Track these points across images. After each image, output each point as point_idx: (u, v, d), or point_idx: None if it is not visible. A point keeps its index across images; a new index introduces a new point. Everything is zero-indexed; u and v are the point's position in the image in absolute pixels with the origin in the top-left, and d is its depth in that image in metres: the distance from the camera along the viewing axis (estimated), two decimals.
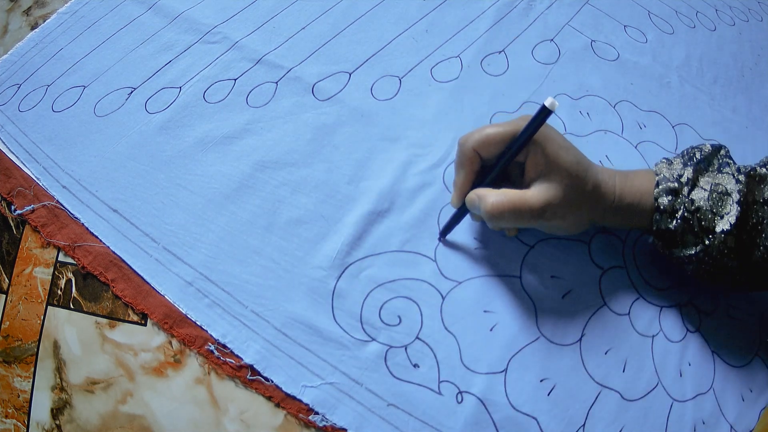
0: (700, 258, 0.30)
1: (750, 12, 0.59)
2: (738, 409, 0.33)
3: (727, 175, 0.30)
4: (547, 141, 0.29)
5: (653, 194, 0.31)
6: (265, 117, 0.40)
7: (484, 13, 0.48)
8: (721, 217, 0.29)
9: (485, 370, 0.31)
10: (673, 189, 0.30)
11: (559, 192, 0.29)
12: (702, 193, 0.30)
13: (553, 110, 0.28)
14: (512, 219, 0.30)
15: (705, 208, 0.29)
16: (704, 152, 0.32)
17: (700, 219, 0.29)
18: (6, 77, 0.43)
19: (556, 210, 0.29)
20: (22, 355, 0.34)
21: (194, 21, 0.45)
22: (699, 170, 0.31)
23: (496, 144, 0.30)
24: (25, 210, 0.36)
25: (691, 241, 0.30)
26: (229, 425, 0.30)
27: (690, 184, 0.30)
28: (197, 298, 0.32)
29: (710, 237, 0.29)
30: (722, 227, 0.29)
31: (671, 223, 0.30)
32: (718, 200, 0.29)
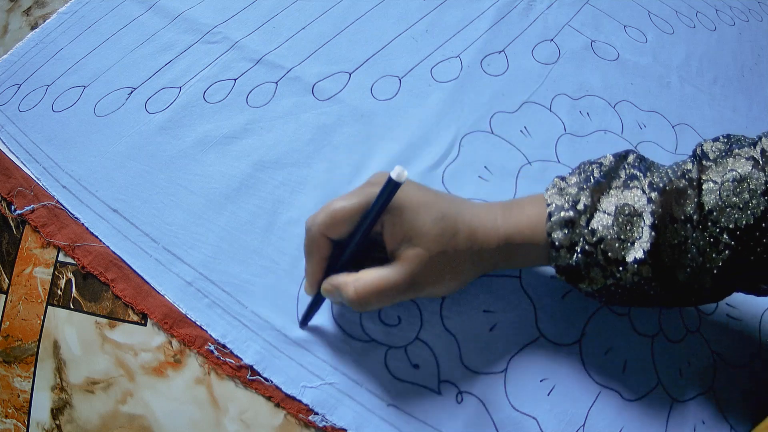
0: (611, 292, 0.27)
1: (750, 12, 0.59)
2: (738, 409, 0.33)
3: (636, 191, 0.26)
4: (403, 208, 0.26)
5: (545, 229, 0.27)
6: (265, 117, 0.40)
7: (484, 13, 0.48)
8: (632, 243, 0.25)
9: (485, 370, 0.31)
10: (567, 221, 0.27)
11: (424, 259, 0.26)
12: (605, 218, 0.26)
13: (401, 182, 0.24)
14: (380, 301, 0.27)
15: (610, 236, 0.26)
16: (604, 167, 0.28)
17: (606, 251, 0.26)
18: (6, 77, 0.43)
19: (426, 278, 0.27)
20: (22, 355, 0.34)
21: (194, 21, 0.45)
22: (599, 190, 0.27)
23: (344, 223, 0.27)
24: (25, 210, 0.36)
25: (599, 275, 0.26)
26: (229, 425, 0.30)
27: (588, 212, 0.26)
28: (197, 298, 0.32)
29: (620, 269, 0.26)
30: (634, 256, 0.25)
31: (571, 259, 0.27)
32: (626, 224, 0.26)
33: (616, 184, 0.27)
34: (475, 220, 0.28)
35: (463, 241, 0.27)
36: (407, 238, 0.26)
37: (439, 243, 0.26)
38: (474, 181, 0.37)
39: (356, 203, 0.26)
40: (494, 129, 0.41)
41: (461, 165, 0.38)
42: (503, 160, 0.39)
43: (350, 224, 0.27)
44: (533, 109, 0.42)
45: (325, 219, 0.27)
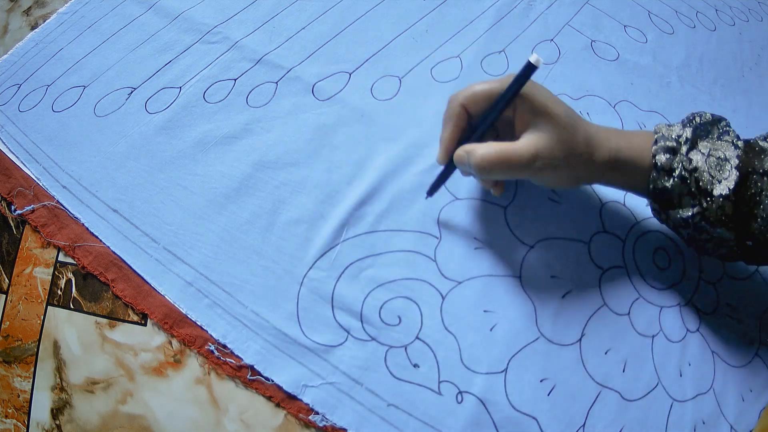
0: (696, 222, 0.29)
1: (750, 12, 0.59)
2: (738, 409, 0.33)
3: (725, 143, 0.30)
4: (535, 94, 0.29)
5: (651, 151, 0.30)
6: (265, 117, 0.40)
7: (484, 13, 0.48)
8: (719, 181, 0.28)
9: (485, 370, 0.31)
10: (671, 148, 0.30)
11: (548, 141, 0.29)
12: (700, 155, 0.29)
13: (538, 66, 0.28)
14: (502, 170, 0.29)
15: (703, 169, 0.29)
16: (704, 119, 0.31)
17: (698, 180, 0.29)
18: (6, 77, 0.43)
19: (546, 160, 0.29)
20: (22, 355, 0.34)
21: (194, 21, 0.45)
22: (698, 134, 0.31)
23: (484, 100, 0.30)
24: (25, 210, 0.36)
25: (688, 203, 0.30)
26: (229, 425, 0.30)
27: (689, 145, 0.30)
28: (197, 298, 0.32)
29: (708, 200, 0.29)
30: (720, 191, 0.28)
31: (668, 182, 0.30)
32: (716, 165, 0.29)
33: (711, 135, 0.31)
34: (593, 129, 0.31)
35: (582, 141, 0.30)
36: (535, 123, 0.29)
37: (562, 134, 0.29)
38: (474, 181, 0.37)
39: (496, 86, 0.30)
40: None
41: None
42: None
43: (487, 103, 0.30)
44: None
45: (468, 95, 0.31)
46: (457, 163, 0.31)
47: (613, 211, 0.38)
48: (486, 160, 0.29)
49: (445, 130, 0.32)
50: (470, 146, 0.30)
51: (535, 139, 0.29)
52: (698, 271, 0.37)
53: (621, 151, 0.31)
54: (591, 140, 0.30)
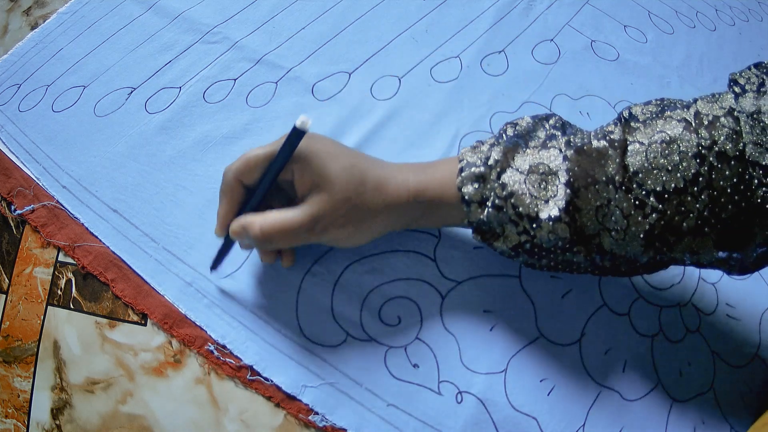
0: (528, 250, 0.27)
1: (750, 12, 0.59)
2: (738, 409, 0.33)
3: (552, 151, 0.26)
4: (312, 155, 0.27)
5: (456, 184, 0.27)
6: (265, 117, 0.40)
7: (484, 13, 0.48)
8: (546, 201, 0.25)
9: (485, 370, 0.31)
10: (478, 175, 0.27)
11: (328, 202, 0.27)
12: (516, 175, 0.26)
13: (305, 130, 0.26)
14: (284, 239, 0.27)
15: (521, 192, 0.25)
16: (520, 128, 0.28)
17: (516, 205, 0.25)
18: (6, 77, 0.43)
19: (330, 223, 0.27)
20: (22, 355, 0.34)
21: (194, 21, 0.45)
22: (512, 149, 0.27)
23: (258, 168, 0.28)
24: (25, 210, 0.36)
25: (513, 231, 0.26)
26: (229, 425, 0.30)
27: (499, 166, 0.26)
28: (197, 299, 0.32)
29: (533, 226, 0.25)
30: (548, 213, 0.25)
31: (482, 214, 0.27)
32: (540, 182, 0.25)
33: (534, 144, 0.27)
34: (385, 173, 0.28)
35: (371, 192, 0.27)
36: (315, 184, 0.27)
37: (346, 190, 0.27)
38: None
39: (269, 151, 0.28)
40: (494, 129, 0.41)
41: None
42: None
43: (261, 170, 0.28)
44: (533, 109, 0.42)
45: (240, 165, 0.28)
46: (234, 236, 0.29)
47: None
48: (265, 232, 0.27)
49: (221, 205, 0.30)
50: (247, 219, 0.28)
51: (315, 202, 0.27)
52: (698, 271, 0.37)
53: (422, 193, 0.28)
54: (384, 189, 0.28)
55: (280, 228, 0.27)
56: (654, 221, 0.24)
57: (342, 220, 0.27)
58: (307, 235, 0.27)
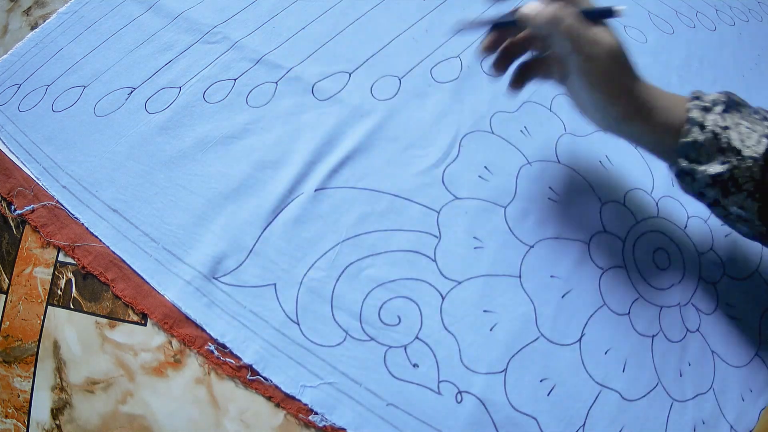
0: (724, 181, 0.30)
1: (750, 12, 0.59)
2: (738, 409, 0.33)
3: (755, 119, 0.31)
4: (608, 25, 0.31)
5: (686, 106, 0.31)
6: (265, 117, 0.40)
7: (484, 14, 0.48)
8: (748, 147, 0.29)
9: (485, 370, 0.31)
10: (705, 107, 0.31)
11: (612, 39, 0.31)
12: (731, 121, 0.30)
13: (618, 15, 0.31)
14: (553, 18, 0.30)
15: (734, 130, 0.30)
16: (734, 97, 0.32)
17: (729, 138, 0.29)
18: (6, 77, 0.43)
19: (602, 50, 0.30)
20: (22, 355, 0.34)
21: (194, 21, 0.45)
22: (729, 106, 0.31)
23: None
24: (25, 210, 0.36)
25: (719, 159, 0.30)
26: (229, 425, 0.30)
27: (722, 107, 0.31)
28: (196, 298, 0.32)
29: (738, 158, 0.29)
30: (751, 153, 0.29)
31: (700, 135, 0.30)
32: (747, 133, 0.30)
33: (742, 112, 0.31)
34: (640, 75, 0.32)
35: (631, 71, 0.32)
36: None
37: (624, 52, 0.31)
38: (474, 181, 0.37)
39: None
40: (494, 129, 0.41)
41: (461, 165, 0.38)
42: (503, 160, 0.39)
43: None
44: (533, 109, 0.42)
45: None
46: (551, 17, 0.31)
47: (613, 211, 0.38)
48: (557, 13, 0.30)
49: None
50: None
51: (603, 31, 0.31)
52: (698, 271, 0.37)
53: (657, 99, 0.32)
54: (636, 76, 0.32)
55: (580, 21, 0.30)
56: None
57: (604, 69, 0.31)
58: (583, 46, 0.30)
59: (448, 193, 0.37)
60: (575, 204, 0.37)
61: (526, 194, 0.37)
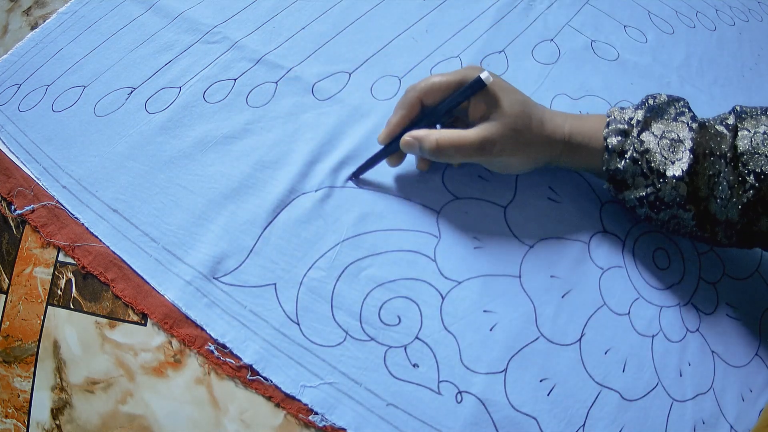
0: (651, 202, 0.31)
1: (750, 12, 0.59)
2: (738, 409, 0.33)
3: (681, 124, 0.31)
4: (489, 91, 0.31)
5: (602, 134, 0.32)
6: (265, 117, 0.40)
7: (484, 13, 0.48)
8: (672, 162, 0.30)
9: (485, 370, 0.31)
10: (622, 130, 0.32)
11: (498, 129, 0.31)
12: (652, 137, 0.31)
13: (486, 84, 0.30)
14: (456, 153, 0.32)
15: (654, 150, 0.30)
16: (659, 101, 0.33)
17: (650, 161, 0.30)
18: (6, 77, 0.43)
19: (497, 146, 0.31)
20: (22, 355, 0.34)
21: (194, 21, 0.45)
22: (651, 116, 0.32)
23: (440, 92, 0.32)
24: (25, 210, 0.36)
25: (642, 183, 0.31)
26: (229, 425, 0.30)
27: (640, 127, 0.31)
28: (197, 298, 0.32)
29: (660, 181, 0.30)
30: (673, 173, 0.30)
31: (620, 163, 0.31)
32: (670, 146, 0.30)
33: (667, 116, 0.32)
34: (547, 115, 0.33)
35: (536, 127, 0.32)
36: (488, 113, 0.32)
37: (515, 122, 0.31)
38: (474, 181, 0.37)
39: (452, 80, 0.32)
40: None
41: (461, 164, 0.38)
42: None
43: (442, 94, 0.32)
44: None
45: (425, 86, 0.33)
46: (405, 147, 0.33)
47: (613, 211, 0.38)
48: (441, 145, 0.31)
49: (395, 115, 0.34)
50: (421, 132, 0.32)
51: (487, 128, 0.31)
52: (698, 271, 0.37)
53: (574, 135, 0.33)
54: (544, 126, 0.33)
55: (454, 143, 0.31)
56: (750, 197, 0.29)
57: (510, 147, 0.32)
58: (475, 154, 0.32)
59: (448, 193, 0.37)
60: (575, 204, 0.37)
61: (526, 194, 0.37)
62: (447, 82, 0.32)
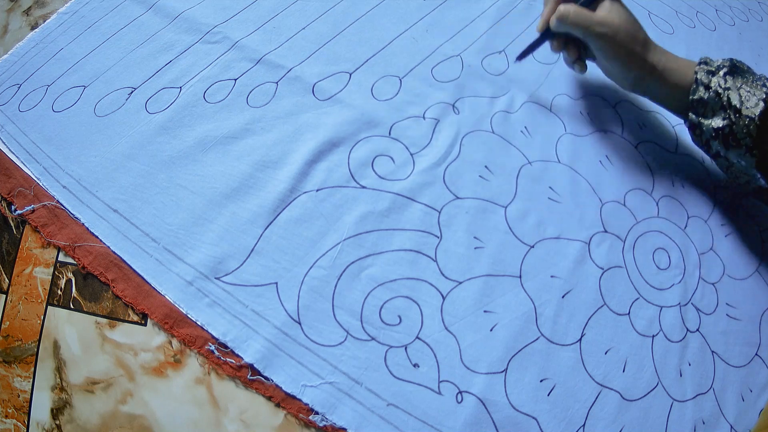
0: (725, 134, 0.34)
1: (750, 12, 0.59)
2: (738, 409, 0.33)
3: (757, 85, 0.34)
4: None
5: (694, 68, 0.36)
6: (266, 117, 0.40)
7: (484, 13, 0.48)
8: (747, 107, 0.33)
9: (485, 370, 0.31)
10: (710, 70, 0.36)
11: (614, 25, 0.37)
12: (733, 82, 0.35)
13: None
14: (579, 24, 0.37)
15: (734, 90, 0.34)
16: (743, 65, 0.36)
17: (730, 98, 0.34)
18: (6, 77, 0.43)
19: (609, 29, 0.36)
20: (22, 355, 0.34)
21: (194, 21, 0.45)
22: (733, 70, 0.35)
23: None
24: (25, 210, 0.36)
25: (720, 115, 0.35)
26: (229, 425, 0.30)
27: (726, 70, 0.35)
28: (197, 298, 0.32)
29: (736, 115, 0.34)
30: (747, 113, 0.33)
31: (705, 94, 0.35)
32: (746, 95, 0.34)
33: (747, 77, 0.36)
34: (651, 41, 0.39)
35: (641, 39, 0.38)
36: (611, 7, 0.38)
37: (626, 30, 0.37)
38: (474, 181, 0.37)
39: None
40: (495, 129, 0.41)
41: (462, 164, 0.38)
42: (504, 160, 0.39)
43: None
44: (533, 109, 0.42)
45: None
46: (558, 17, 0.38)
47: (613, 211, 0.38)
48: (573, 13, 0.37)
49: (546, 6, 0.40)
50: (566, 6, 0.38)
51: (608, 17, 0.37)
52: (698, 271, 0.37)
53: (669, 62, 0.38)
54: (647, 43, 0.38)
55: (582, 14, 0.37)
56: None
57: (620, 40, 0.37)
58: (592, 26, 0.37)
59: (449, 193, 0.37)
60: (575, 204, 0.37)
61: (526, 194, 0.37)
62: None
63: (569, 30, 0.38)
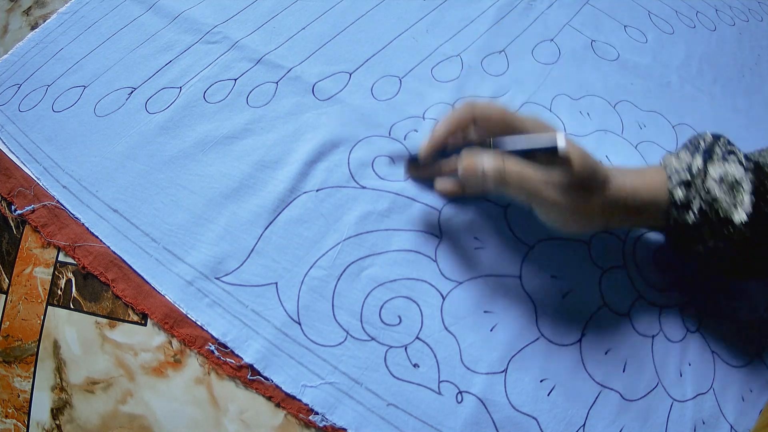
0: (720, 250, 0.29)
1: (750, 12, 0.59)
2: (738, 409, 0.33)
3: (733, 164, 0.29)
4: None
5: (667, 187, 0.30)
6: (266, 117, 0.40)
7: (484, 13, 0.48)
8: (735, 207, 0.28)
9: (485, 370, 0.31)
10: (686, 181, 0.30)
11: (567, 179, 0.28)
12: (715, 184, 0.29)
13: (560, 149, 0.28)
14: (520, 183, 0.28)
15: (721, 198, 0.28)
16: (707, 141, 0.31)
17: (718, 211, 0.28)
18: (6, 77, 0.43)
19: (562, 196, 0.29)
20: (22, 355, 0.34)
21: (194, 21, 0.45)
22: (707, 160, 0.30)
23: (497, 127, 0.30)
24: (25, 210, 0.36)
25: (708, 234, 0.29)
26: (229, 425, 0.30)
27: (702, 175, 0.29)
28: (197, 298, 0.32)
29: (729, 229, 0.28)
30: (739, 219, 0.28)
31: (688, 217, 0.29)
32: (730, 190, 0.28)
33: (717, 157, 0.30)
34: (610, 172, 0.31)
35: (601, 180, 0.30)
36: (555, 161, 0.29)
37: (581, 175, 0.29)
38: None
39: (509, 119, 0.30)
40: None
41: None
42: None
43: (495, 127, 0.30)
44: (533, 109, 0.42)
45: (484, 111, 0.30)
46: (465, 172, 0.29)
47: None
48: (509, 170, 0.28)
49: (441, 125, 0.31)
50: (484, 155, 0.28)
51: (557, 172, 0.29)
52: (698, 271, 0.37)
53: (638, 192, 0.31)
54: (609, 183, 0.30)
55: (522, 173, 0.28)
56: None
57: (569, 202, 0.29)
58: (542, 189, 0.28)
59: None
60: None
61: None
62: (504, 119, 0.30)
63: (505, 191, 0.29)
